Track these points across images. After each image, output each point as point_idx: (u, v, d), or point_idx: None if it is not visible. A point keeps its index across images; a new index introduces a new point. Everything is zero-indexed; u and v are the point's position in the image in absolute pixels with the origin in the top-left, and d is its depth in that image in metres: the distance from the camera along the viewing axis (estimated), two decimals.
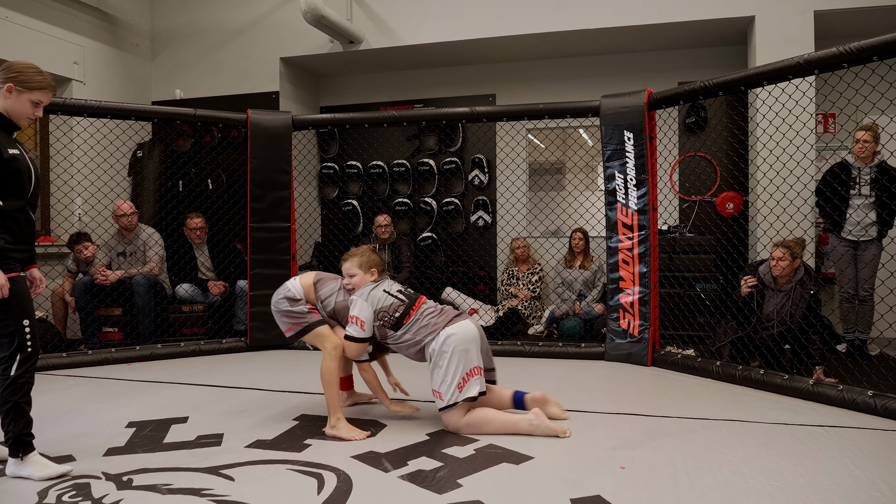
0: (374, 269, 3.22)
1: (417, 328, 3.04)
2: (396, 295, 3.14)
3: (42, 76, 2.57)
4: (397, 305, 3.09)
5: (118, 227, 5.41)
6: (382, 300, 3.10)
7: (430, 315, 3.08)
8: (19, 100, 2.53)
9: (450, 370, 2.92)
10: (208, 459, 2.69)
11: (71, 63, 6.01)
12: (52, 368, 4.58)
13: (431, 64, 6.96)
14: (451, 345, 2.92)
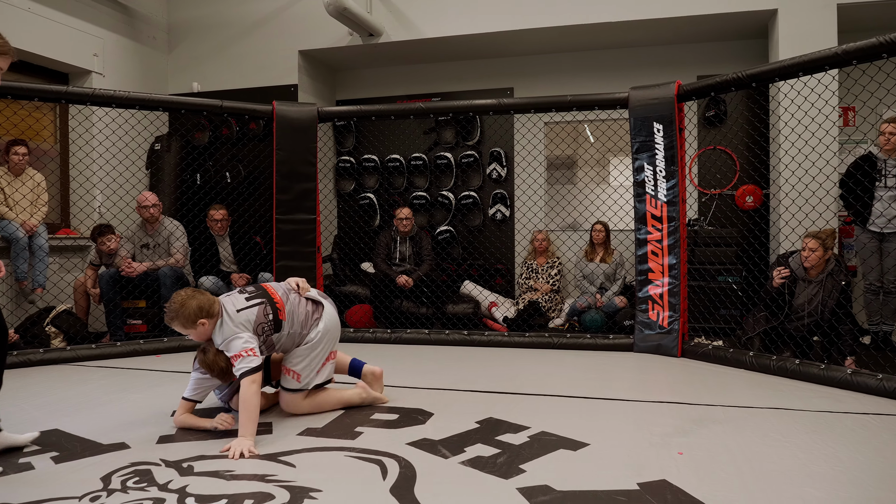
0: (204, 316, 2.78)
1: (298, 320, 2.96)
2: (251, 303, 2.87)
3: (3, 40, 2.44)
4: (263, 308, 2.86)
5: (141, 220, 5.38)
6: (249, 315, 2.83)
7: (297, 303, 3.01)
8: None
9: (319, 356, 3.05)
10: (262, 447, 2.69)
11: (91, 55, 5.98)
12: (83, 360, 4.57)
13: (448, 57, 6.96)
14: (327, 331, 3.05)
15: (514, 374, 4.12)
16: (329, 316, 3.11)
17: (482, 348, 5.06)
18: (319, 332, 3.03)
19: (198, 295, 2.82)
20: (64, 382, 3.95)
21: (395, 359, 4.66)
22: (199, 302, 2.78)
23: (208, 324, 2.79)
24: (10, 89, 4.42)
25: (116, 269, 5.13)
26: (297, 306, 3.01)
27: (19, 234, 5.18)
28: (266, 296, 2.94)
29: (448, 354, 4.83)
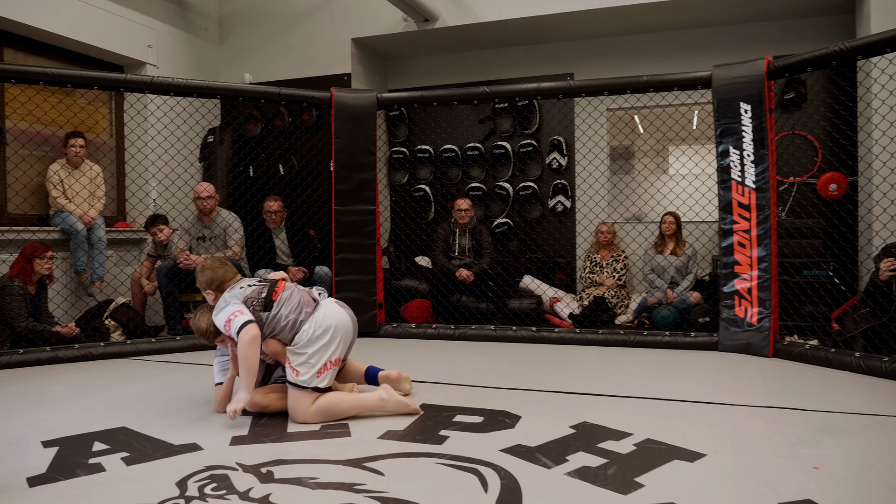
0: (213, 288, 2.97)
1: (290, 306, 2.84)
2: (255, 284, 2.95)
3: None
4: (260, 289, 2.89)
5: (198, 211, 5.25)
6: (245, 291, 2.88)
7: (298, 292, 2.92)
8: None
9: (319, 354, 2.80)
10: (344, 451, 2.48)
11: (145, 47, 5.88)
12: (142, 354, 4.45)
13: (505, 43, 6.69)
14: (329, 330, 2.82)
15: (596, 374, 3.86)
16: (336, 315, 2.88)
17: (552, 346, 4.79)
18: (321, 328, 2.81)
19: (218, 268, 2.99)
20: (126, 377, 3.82)
21: (463, 356, 4.43)
22: (212, 275, 2.96)
23: (213, 296, 2.95)
24: (69, 78, 4.31)
25: (174, 262, 5.00)
26: (294, 294, 2.90)
27: (78, 226, 5.09)
28: (273, 283, 2.95)
29: (517, 352, 4.57)
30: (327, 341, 2.81)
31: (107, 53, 5.60)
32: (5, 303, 4.32)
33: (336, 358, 2.87)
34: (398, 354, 4.46)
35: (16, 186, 4.96)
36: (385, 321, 5.28)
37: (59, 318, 4.83)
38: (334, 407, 2.85)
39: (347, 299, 4.92)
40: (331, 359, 2.84)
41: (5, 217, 5.07)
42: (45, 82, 4.25)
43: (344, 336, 2.89)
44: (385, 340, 4.98)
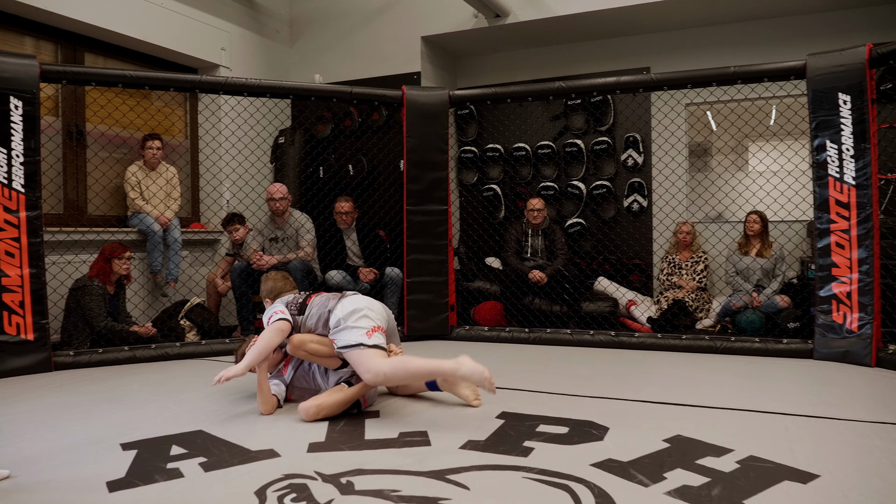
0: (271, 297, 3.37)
1: (319, 304, 3.09)
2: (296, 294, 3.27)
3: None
4: (297, 296, 3.19)
5: (270, 212, 5.26)
6: (286, 298, 3.20)
7: (327, 295, 3.16)
8: None
9: (359, 322, 2.93)
10: (425, 461, 2.37)
11: (218, 49, 5.95)
12: (216, 354, 4.47)
13: (577, 38, 6.49)
14: (360, 308, 2.98)
15: (683, 382, 3.63)
16: (362, 299, 3.08)
17: (632, 351, 4.58)
18: (350, 308, 2.99)
19: (279, 281, 3.41)
20: (201, 378, 3.82)
21: (539, 361, 4.27)
22: (272, 285, 3.40)
23: (270, 304, 3.30)
24: (146, 79, 4.37)
25: (247, 263, 5.03)
26: (323, 296, 3.16)
27: (155, 227, 5.18)
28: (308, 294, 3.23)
29: (596, 357, 4.38)
30: (362, 315, 2.95)
31: (181, 56, 5.69)
32: (85, 302, 4.41)
33: (378, 326, 2.95)
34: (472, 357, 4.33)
35: (96, 188, 5.08)
36: (457, 324, 5.17)
37: (137, 318, 4.92)
38: (407, 363, 2.89)
39: (419, 301, 4.89)
40: (374, 325, 2.94)
41: (86, 218, 5.20)
42: (123, 84, 4.31)
43: (378, 314, 3.03)
44: (457, 343, 4.87)
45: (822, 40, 5.59)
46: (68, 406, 3.24)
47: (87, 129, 5.25)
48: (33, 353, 3.97)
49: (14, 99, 3.91)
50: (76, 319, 4.44)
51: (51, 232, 4.61)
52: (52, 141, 4.93)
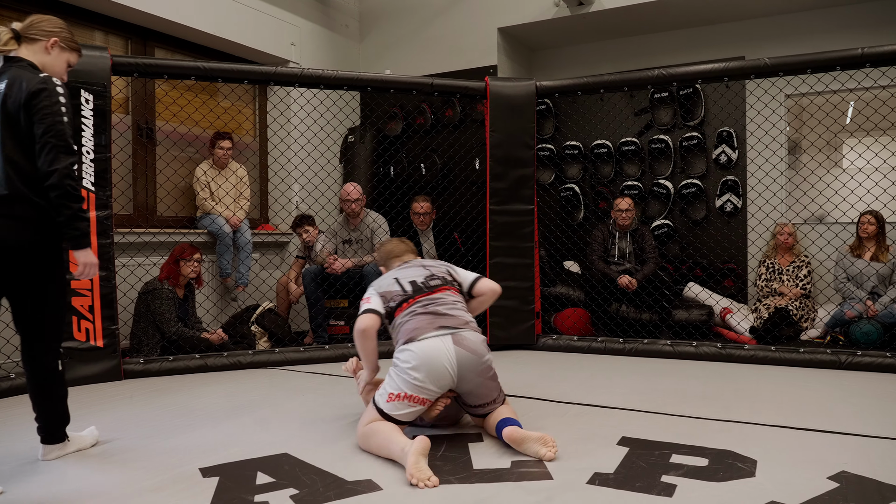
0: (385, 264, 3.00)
1: (398, 327, 2.62)
2: (404, 283, 2.71)
3: (76, 39, 2.44)
4: (397, 294, 2.68)
5: (344, 213, 5.01)
6: (387, 285, 2.73)
7: (414, 316, 2.58)
8: (59, 58, 2.37)
9: (395, 380, 2.51)
10: (553, 501, 2.02)
11: (288, 44, 5.74)
12: (291, 363, 4.22)
13: (663, 26, 6.06)
14: (409, 364, 2.47)
15: (817, 404, 3.19)
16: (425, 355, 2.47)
17: (741, 365, 4.14)
18: (404, 359, 2.51)
19: (387, 244, 3.02)
20: (279, 391, 3.57)
21: (643, 375, 3.87)
22: (382, 251, 3.02)
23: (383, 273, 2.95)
24: (220, 71, 4.15)
25: (320, 266, 4.77)
26: (417, 315, 2.58)
27: (225, 228, 4.98)
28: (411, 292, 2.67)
29: (704, 372, 3.96)
30: (406, 375, 2.48)
31: (251, 52, 5.49)
32: (155, 306, 4.21)
33: (411, 394, 2.47)
34: (562, 372, 3.97)
35: (167, 187, 4.91)
36: (542, 332, 4.81)
37: (208, 323, 4.72)
38: (371, 437, 2.46)
39: (502, 308, 4.53)
40: (405, 391, 2.47)
41: (156, 219, 5.04)
42: (196, 77, 4.11)
43: (432, 380, 2.47)
44: (544, 354, 4.52)
45: None
46: (140, 421, 3.00)
47: (157, 125, 5.09)
48: (103, 361, 3.79)
49: (85, 93, 3.73)
50: (146, 324, 4.24)
51: (121, 233, 4.44)
52: (123, 137, 4.78)
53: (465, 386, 2.54)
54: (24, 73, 2.24)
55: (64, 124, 2.21)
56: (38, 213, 2.23)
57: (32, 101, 2.19)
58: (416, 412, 2.51)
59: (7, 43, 2.30)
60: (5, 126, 2.21)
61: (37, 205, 2.22)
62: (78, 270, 2.30)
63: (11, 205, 2.19)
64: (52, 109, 2.19)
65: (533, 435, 2.39)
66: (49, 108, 2.19)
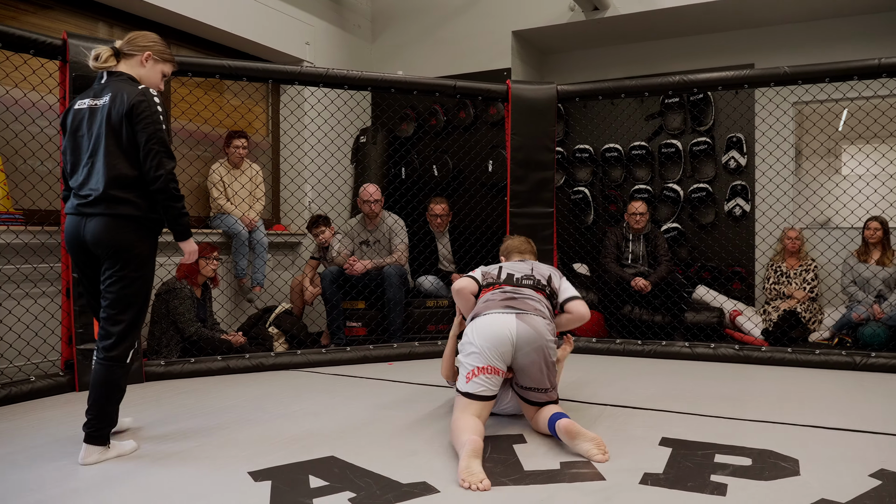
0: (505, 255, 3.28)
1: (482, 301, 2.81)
2: (502, 272, 2.94)
3: (170, 50, 2.63)
4: (491, 277, 2.93)
5: (362, 214, 5.02)
6: (491, 268, 3.01)
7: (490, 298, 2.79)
8: (154, 69, 2.57)
9: (465, 359, 2.65)
10: (611, 500, 2.06)
11: (302, 43, 5.74)
12: (313, 365, 4.23)
13: (676, 33, 6.13)
14: (472, 335, 2.66)
15: (842, 403, 3.26)
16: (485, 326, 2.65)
17: (759, 367, 4.21)
18: (467, 334, 2.71)
19: (522, 244, 3.30)
20: (309, 392, 3.58)
21: (667, 377, 3.93)
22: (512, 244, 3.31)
23: None
24: (245, 70, 4.14)
25: (339, 268, 4.78)
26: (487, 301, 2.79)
27: (238, 227, 4.97)
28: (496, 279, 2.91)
29: (725, 373, 4.03)
30: (470, 350, 2.64)
31: (265, 50, 5.47)
32: (174, 306, 4.18)
33: (485, 365, 2.58)
34: (586, 373, 4.01)
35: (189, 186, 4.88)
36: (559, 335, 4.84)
37: (229, 325, 4.71)
38: (452, 430, 2.52)
39: None
40: (477, 365, 2.59)
41: None
42: (221, 75, 4.10)
43: (494, 346, 2.60)
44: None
45: None
46: (173, 423, 2.98)
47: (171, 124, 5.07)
48: None
49: None
50: (165, 325, 4.22)
51: None
52: None
53: (522, 359, 2.64)
54: (125, 86, 2.45)
55: (163, 131, 2.41)
56: (136, 213, 2.41)
57: (134, 111, 2.38)
58: (495, 383, 2.60)
59: (107, 60, 2.52)
60: (109, 135, 2.40)
61: (136, 205, 2.41)
62: (184, 258, 2.61)
63: (114, 205, 2.39)
64: (153, 119, 2.39)
65: (588, 434, 2.44)
66: (150, 118, 2.38)
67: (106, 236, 2.38)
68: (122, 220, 2.39)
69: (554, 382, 2.73)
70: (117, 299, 2.42)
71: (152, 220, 2.47)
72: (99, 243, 2.39)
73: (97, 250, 2.42)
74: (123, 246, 2.39)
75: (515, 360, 2.64)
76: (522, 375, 2.69)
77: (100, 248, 2.40)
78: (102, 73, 2.53)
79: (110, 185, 2.37)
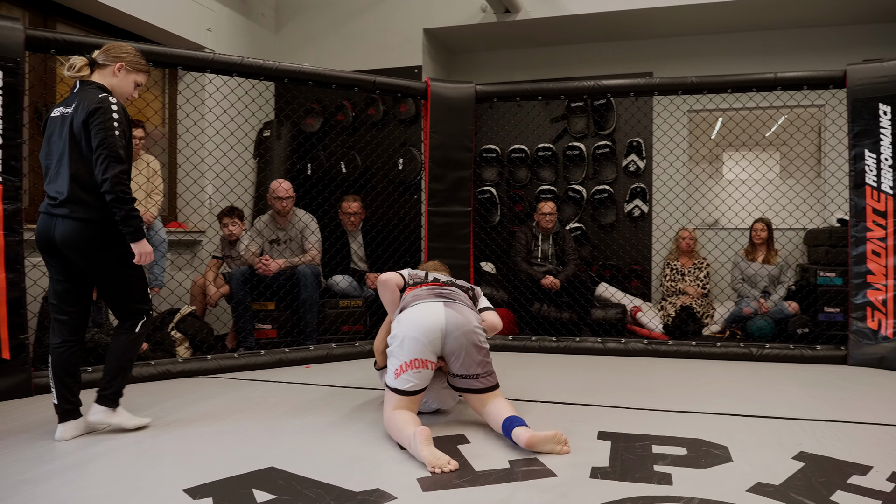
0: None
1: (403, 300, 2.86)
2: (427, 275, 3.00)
3: (145, 61, 2.80)
4: (418, 278, 2.97)
5: (271, 212, 4.81)
6: (416, 272, 3.02)
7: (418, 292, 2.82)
8: (126, 79, 2.72)
9: (394, 354, 2.68)
10: (569, 497, 2.09)
11: (204, 30, 5.42)
12: (225, 371, 3.99)
13: (580, 39, 6.35)
14: (400, 328, 2.68)
15: (752, 393, 3.51)
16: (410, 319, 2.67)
17: (666, 360, 4.46)
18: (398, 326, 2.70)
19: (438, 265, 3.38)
20: (227, 400, 3.37)
21: (581, 371, 4.06)
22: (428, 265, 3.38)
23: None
24: (151, 55, 3.83)
25: (249, 267, 4.55)
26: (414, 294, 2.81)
27: None
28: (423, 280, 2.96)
29: (635, 366, 4.22)
30: (398, 343, 2.65)
31: (164, 34, 5.11)
32: None
33: (412, 359, 2.60)
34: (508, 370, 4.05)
35: None
36: None
37: None
38: (391, 426, 2.59)
39: None
40: (405, 360, 2.61)
41: None
42: None
43: (416, 332, 2.62)
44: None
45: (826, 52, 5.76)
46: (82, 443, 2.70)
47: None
48: (11, 375, 3.37)
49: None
50: None
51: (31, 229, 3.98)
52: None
53: (452, 344, 2.64)
54: (89, 94, 2.59)
55: (115, 137, 2.52)
56: (95, 214, 2.57)
57: (89, 119, 2.52)
58: (424, 377, 2.62)
59: (81, 69, 2.66)
60: (70, 142, 2.56)
61: (97, 208, 2.56)
62: (136, 259, 2.64)
63: (73, 207, 2.55)
64: (106, 125, 2.51)
65: (546, 435, 2.45)
66: (103, 124, 2.51)
67: (72, 240, 2.56)
68: (85, 224, 2.56)
69: (489, 368, 2.73)
70: (115, 296, 2.70)
71: (115, 222, 2.57)
72: (66, 245, 2.57)
73: (66, 251, 2.58)
74: (90, 249, 2.58)
75: (445, 346, 2.65)
76: (455, 362, 2.68)
77: (68, 251, 2.58)
78: (76, 83, 2.67)
79: (73, 189, 2.54)
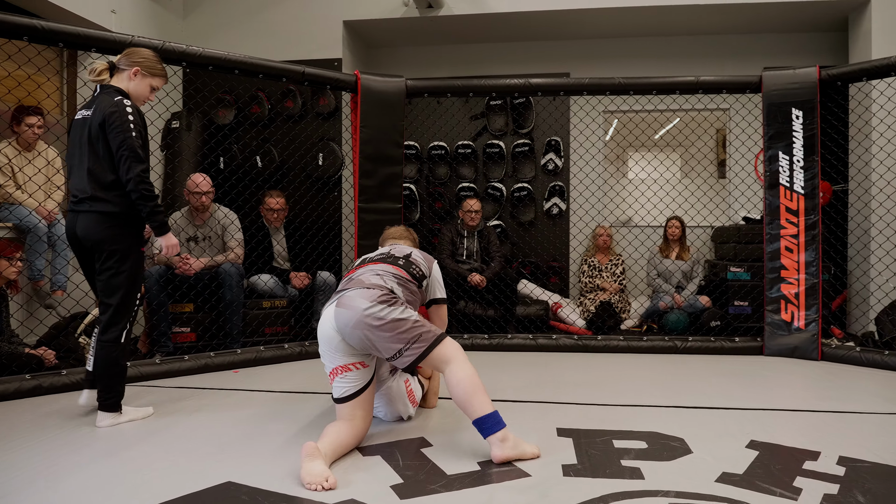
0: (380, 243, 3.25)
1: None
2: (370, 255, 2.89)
3: (162, 66, 2.91)
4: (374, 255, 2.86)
5: (188, 207, 4.51)
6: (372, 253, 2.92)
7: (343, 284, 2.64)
8: (142, 83, 2.84)
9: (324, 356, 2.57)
10: (549, 496, 2.06)
11: (108, 11, 5.00)
12: (146, 378, 3.69)
13: (500, 38, 6.39)
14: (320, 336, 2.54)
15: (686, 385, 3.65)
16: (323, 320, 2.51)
17: (595, 354, 4.57)
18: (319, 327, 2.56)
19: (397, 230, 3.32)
20: (160, 410, 3.10)
21: (524, 368, 4.08)
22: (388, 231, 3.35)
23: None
24: (61, 34, 3.48)
25: (165, 267, 4.24)
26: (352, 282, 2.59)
27: (34, 220, 4.19)
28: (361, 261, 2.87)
29: (569, 362, 4.29)
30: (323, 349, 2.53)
31: (62, 13, 4.65)
32: None
33: (335, 366, 2.49)
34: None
35: None
36: None
37: (23, 337, 3.92)
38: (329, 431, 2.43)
39: None
40: (328, 370, 2.52)
41: None
42: (30, 38, 3.41)
43: (327, 346, 2.49)
44: None
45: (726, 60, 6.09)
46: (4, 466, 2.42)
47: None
48: None
49: None
50: None
51: None
52: None
53: (353, 341, 2.43)
54: (106, 98, 2.73)
55: (133, 138, 2.67)
56: (115, 210, 2.72)
57: (106, 121, 2.67)
58: (352, 378, 2.48)
59: (101, 74, 2.81)
60: (88, 144, 2.72)
61: (114, 203, 2.71)
62: (163, 252, 2.85)
63: (95, 204, 2.71)
64: (123, 127, 2.66)
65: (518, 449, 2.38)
66: (120, 127, 2.66)
67: (90, 231, 2.72)
68: (103, 217, 2.70)
69: (412, 333, 2.40)
70: (105, 287, 2.75)
71: (132, 217, 2.74)
72: (87, 237, 2.73)
73: (87, 244, 2.75)
74: (105, 239, 2.71)
75: (351, 344, 2.45)
76: (374, 352, 2.45)
77: (88, 242, 2.74)
78: (97, 87, 2.80)
79: (91, 187, 2.70)
